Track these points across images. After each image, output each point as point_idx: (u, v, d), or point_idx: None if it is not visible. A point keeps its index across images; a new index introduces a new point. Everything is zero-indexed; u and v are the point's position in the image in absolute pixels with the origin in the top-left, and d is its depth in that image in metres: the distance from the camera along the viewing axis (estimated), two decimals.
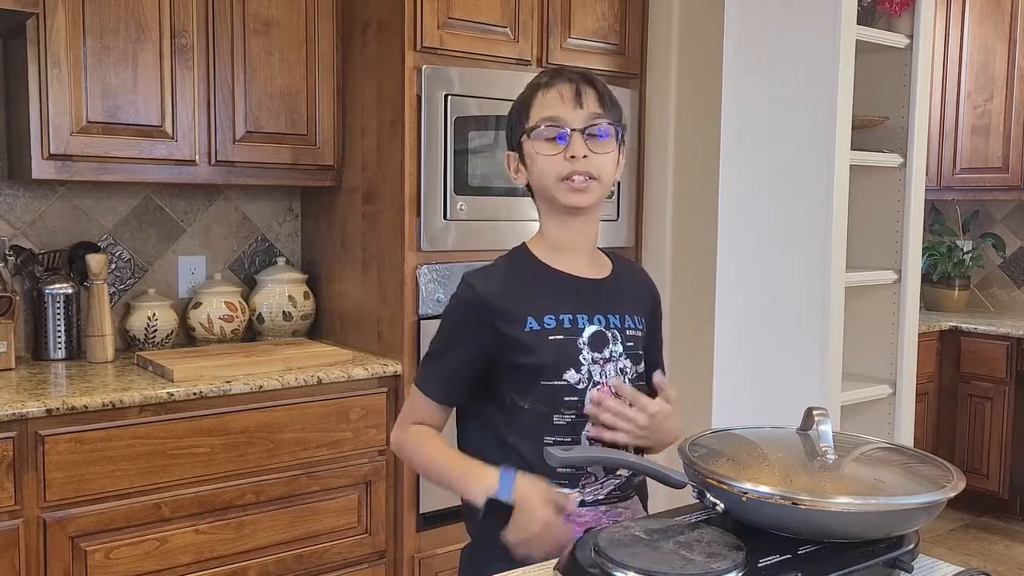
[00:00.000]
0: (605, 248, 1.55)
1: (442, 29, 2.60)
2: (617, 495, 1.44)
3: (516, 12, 2.74)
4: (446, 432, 1.50)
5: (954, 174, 4.45)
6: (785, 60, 2.52)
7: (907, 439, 2.72)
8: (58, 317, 2.58)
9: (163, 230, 2.85)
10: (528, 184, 1.48)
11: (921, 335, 3.21)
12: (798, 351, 2.51)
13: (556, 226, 1.46)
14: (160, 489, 2.24)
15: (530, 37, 2.79)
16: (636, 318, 1.49)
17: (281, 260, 3.01)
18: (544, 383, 1.39)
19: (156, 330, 2.72)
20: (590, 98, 1.41)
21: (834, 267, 2.45)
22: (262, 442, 2.38)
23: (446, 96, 2.60)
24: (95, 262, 2.57)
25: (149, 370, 2.45)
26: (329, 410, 2.50)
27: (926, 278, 4.42)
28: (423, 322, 2.62)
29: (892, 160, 2.65)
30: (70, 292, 2.60)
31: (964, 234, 4.68)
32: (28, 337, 2.62)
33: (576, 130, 1.39)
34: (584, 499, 1.41)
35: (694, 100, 2.97)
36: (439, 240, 2.63)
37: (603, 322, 1.44)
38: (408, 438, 1.48)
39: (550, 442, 1.37)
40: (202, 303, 2.82)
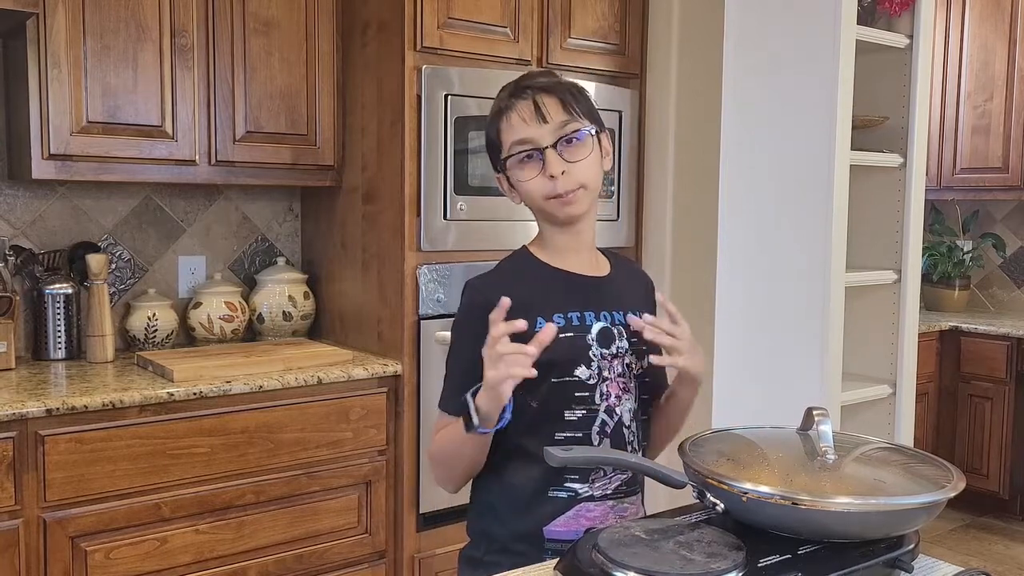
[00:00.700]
0: (603, 248, 1.56)
1: (442, 29, 2.60)
2: (624, 489, 1.45)
3: (516, 12, 2.74)
4: None
5: (954, 174, 4.45)
6: (785, 60, 2.52)
7: (907, 439, 2.72)
8: (58, 317, 2.58)
9: (163, 230, 2.85)
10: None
11: (921, 335, 3.21)
12: (798, 351, 2.51)
13: (555, 233, 1.48)
14: (160, 489, 2.24)
15: (530, 37, 2.79)
16: (638, 313, 1.50)
17: (281, 260, 3.01)
18: (555, 380, 1.39)
19: (156, 330, 2.72)
20: (552, 108, 1.39)
21: (834, 267, 2.45)
22: (262, 442, 2.38)
23: (446, 96, 2.60)
24: (95, 262, 2.57)
25: (149, 370, 2.45)
26: (329, 410, 2.50)
27: (926, 278, 4.42)
28: (423, 322, 2.63)
29: (892, 160, 2.65)
30: (70, 292, 2.60)
31: (964, 234, 4.68)
32: (28, 337, 2.63)
33: (548, 147, 1.39)
34: (593, 494, 1.41)
35: (694, 100, 2.97)
36: (439, 240, 2.63)
37: (609, 319, 1.45)
38: (431, 445, 1.47)
39: (561, 438, 1.38)
40: (202, 303, 2.82)
